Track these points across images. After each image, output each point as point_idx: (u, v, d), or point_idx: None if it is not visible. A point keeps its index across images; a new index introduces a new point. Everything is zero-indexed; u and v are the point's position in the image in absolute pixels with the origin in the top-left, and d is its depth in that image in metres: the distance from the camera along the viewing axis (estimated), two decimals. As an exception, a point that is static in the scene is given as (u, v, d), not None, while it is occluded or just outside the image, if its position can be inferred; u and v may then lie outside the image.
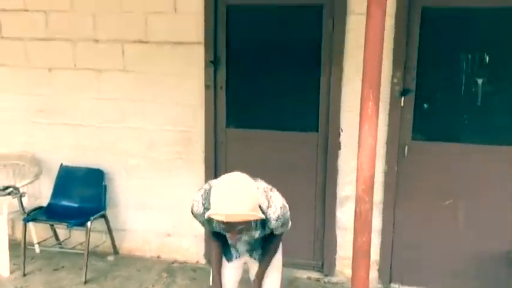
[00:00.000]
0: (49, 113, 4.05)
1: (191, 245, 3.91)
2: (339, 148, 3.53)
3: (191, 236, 3.90)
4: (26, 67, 4.05)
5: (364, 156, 1.95)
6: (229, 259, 2.37)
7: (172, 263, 3.92)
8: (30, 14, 3.96)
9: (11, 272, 3.65)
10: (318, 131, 3.60)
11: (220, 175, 2.07)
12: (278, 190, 2.17)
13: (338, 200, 3.57)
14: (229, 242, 2.23)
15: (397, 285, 3.56)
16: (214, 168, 3.79)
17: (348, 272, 3.58)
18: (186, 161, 3.85)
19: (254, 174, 2.05)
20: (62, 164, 3.98)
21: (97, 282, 3.57)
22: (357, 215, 1.95)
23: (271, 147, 3.69)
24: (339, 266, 3.64)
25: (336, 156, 3.53)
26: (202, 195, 2.12)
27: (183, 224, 3.89)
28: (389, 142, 3.41)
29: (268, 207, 2.07)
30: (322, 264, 3.67)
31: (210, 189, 2.03)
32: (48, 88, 4.02)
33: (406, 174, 3.44)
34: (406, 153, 3.41)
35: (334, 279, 3.65)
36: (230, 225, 1.91)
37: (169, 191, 3.91)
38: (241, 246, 2.34)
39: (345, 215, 3.57)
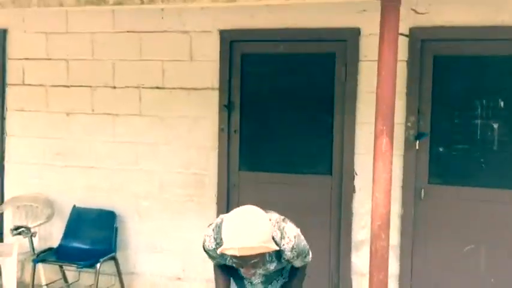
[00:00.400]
0: (64, 155, 4.10)
1: (201, 290, 3.81)
2: (354, 191, 3.49)
3: (202, 280, 3.80)
4: (45, 112, 4.16)
5: (379, 191, 1.93)
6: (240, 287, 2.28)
7: (182, 308, 3.81)
8: (53, 62, 4.10)
9: (17, 316, 3.56)
10: (331, 174, 3.58)
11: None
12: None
13: (353, 244, 3.49)
14: (244, 276, 2.16)
15: (416, 336, 3.39)
16: (227, 211, 3.73)
17: (365, 320, 3.45)
18: (197, 203, 3.83)
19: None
20: (74, 206, 3.98)
21: (104, 328, 3.46)
22: (373, 253, 1.90)
23: (285, 190, 3.66)
24: (354, 315, 3.50)
25: (350, 199, 3.49)
26: (213, 230, 2.08)
27: (194, 267, 3.81)
28: (405, 186, 3.37)
29: (281, 238, 2.02)
30: (338, 312, 3.54)
31: (221, 223, 2.00)
32: (65, 132, 4.10)
33: (423, 219, 3.37)
34: (422, 197, 3.36)
35: (350, 329, 3.50)
36: (243, 260, 1.86)
37: (181, 234, 3.86)
38: (256, 279, 2.25)
39: (360, 260, 3.47)
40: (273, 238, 1.95)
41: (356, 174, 3.47)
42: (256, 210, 1.94)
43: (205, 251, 2.15)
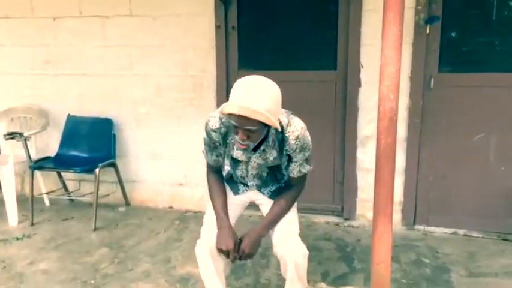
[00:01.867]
0: (54, 63, 3.91)
1: (204, 195, 3.74)
2: (359, 85, 3.31)
3: (204, 185, 3.70)
4: (31, 17, 3.91)
5: (389, 48, 1.74)
6: (235, 191, 2.20)
7: (185, 212, 3.78)
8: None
9: (19, 222, 3.53)
10: (336, 69, 3.38)
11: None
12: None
13: (359, 140, 3.37)
14: (236, 151, 2.00)
15: (422, 227, 3.35)
16: (227, 113, 3.60)
17: (370, 215, 3.39)
18: (197, 107, 3.68)
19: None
20: (69, 114, 3.84)
21: (107, 229, 3.44)
22: (381, 115, 1.74)
23: (287, 88, 3.41)
24: (360, 210, 3.44)
25: (355, 94, 3.32)
26: (219, 109, 1.94)
27: (196, 173, 3.74)
28: (413, 76, 3.19)
29: (288, 125, 1.91)
30: (342, 208, 3.48)
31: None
32: (53, 38, 3.87)
33: (432, 110, 3.21)
34: (432, 87, 3.18)
35: (355, 223, 3.46)
36: (241, 121, 1.74)
37: (180, 140, 3.75)
38: (251, 180, 2.15)
39: (366, 156, 3.36)
40: (280, 123, 1.87)
41: (362, 67, 3.28)
42: (270, 81, 1.82)
43: (207, 133, 2.01)
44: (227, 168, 2.20)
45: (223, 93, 3.58)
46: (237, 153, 2.03)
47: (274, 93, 1.79)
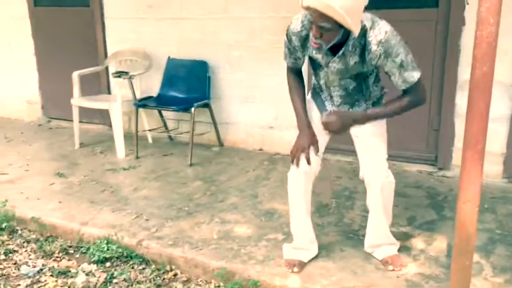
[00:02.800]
0: (156, 8, 4.12)
1: (293, 138, 3.78)
2: (463, 24, 3.05)
3: (293, 128, 3.74)
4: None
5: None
6: (321, 110, 2.14)
7: (275, 154, 3.87)
8: None
9: (126, 155, 3.90)
10: (437, 6, 3.14)
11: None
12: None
13: (458, 84, 3.15)
14: (314, 51, 1.96)
15: (526, 180, 3.09)
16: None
17: (467, 164, 3.21)
18: (289, 50, 3.66)
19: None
20: (169, 57, 4.07)
21: (201, 166, 3.66)
22: (477, 41, 1.61)
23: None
24: (456, 159, 3.26)
25: (458, 34, 3.08)
26: (303, 12, 1.91)
27: (286, 116, 3.77)
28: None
29: (371, 28, 1.81)
30: (436, 157, 3.32)
31: None
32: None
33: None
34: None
35: (449, 174, 3.29)
36: (315, 17, 1.71)
37: (272, 83, 3.79)
38: (336, 91, 2.09)
39: (465, 101, 3.12)
40: (364, 25, 1.79)
41: (467, 3, 3.01)
42: None
43: (287, 35, 2.01)
44: (313, 81, 2.19)
45: (316, 35, 3.52)
46: (315, 54, 1.97)
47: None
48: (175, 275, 2.37)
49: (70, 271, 2.44)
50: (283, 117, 3.82)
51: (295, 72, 2.17)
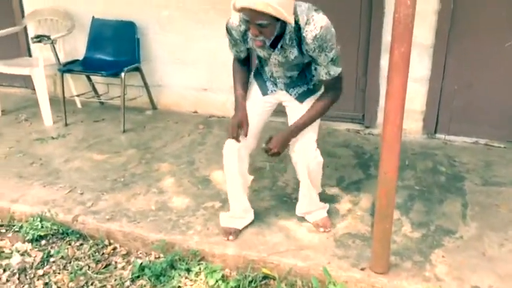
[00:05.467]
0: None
1: (228, 100, 3.82)
2: (388, -14, 3.13)
3: (228, 90, 3.77)
4: None
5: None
6: (264, 91, 2.21)
7: (209, 117, 3.89)
8: None
9: (54, 122, 3.75)
10: (364, -32, 3.19)
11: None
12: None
13: (383, 46, 3.27)
14: (255, 44, 1.95)
15: (442, 136, 3.36)
16: (250, 17, 3.52)
17: (390, 123, 3.41)
18: (218, 10, 3.60)
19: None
20: (93, 17, 3.85)
21: (135, 131, 3.61)
22: (395, 22, 1.69)
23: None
24: (380, 118, 3.44)
25: (383, -3, 3.16)
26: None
27: (219, 78, 3.77)
28: (446, -24, 2.97)
29: (306, 23, 1.85)
30: (363, 116, 3.50)
31: None
32: None
33: (462, 14, 3.04)
34: (465, -11, 2.98)
35: (375, 131, 3.49)
36: (251, 16, 1.73)
37: (204, 44, 3.73)
38: (280, 78, 2.14)
39: (390, 63, 3.28)
40: (297, 21, 1.83)
41: (392, -34, 3.07)
42: None
43: (227, 30, 2.03)
44: (256, 62, 2.22)
45: (247, -5, 3.46)
46: (257, 50, 2.03)
47: None
48: (114, 249, 2.40)
49: (4, 251, 2.39)
50: (216, 79, 3.81)
51: (240, 61, 2.20)
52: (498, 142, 3.25)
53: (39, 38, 3.47)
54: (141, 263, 2.24)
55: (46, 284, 2.17)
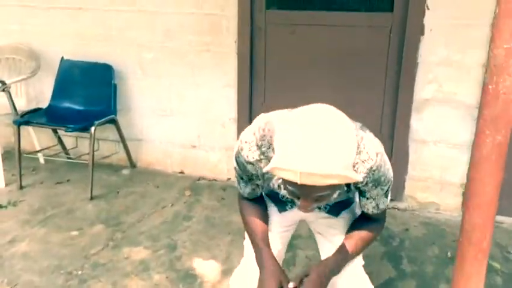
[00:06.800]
0: (46, -6, 3.25)
1: (221, 160, 3.17)
2: (422, 33, 2.55)
3: (221, 148, 3.14)
4: None
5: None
6: (281, 208, 1.53)
7: (198, 179, 3.22)
8: None
9: (7, 184, 3.06)
10: (392, 10, 2.62)
11: (258, 73, 1.19)
12: (333, 90, 1.27)
13: (414, 104, 2.67)
14: (298, 209, 1.26)
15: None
16: (250, 63, 2.93)
17: (421, 196, 2.78)
18: (214, 53, 3.00)
19: (301, 69, 1.18)
20: (62, 58, 3.23)
21: (105, 199, 2.92)
22: (489, 96, 1.07)
23: (327, 34, 2.77)
24: (409, 190, 2.82)
25: (416, 45, 2.58)
26: (256, 134, 1.26)
27: (211, 134, 3.14)
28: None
29: (357, 152, 1.19)
30: (388, 188, 2.84)
31: (270, 127, 1.23)
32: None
33: None
34: None
35: (401, 205, 2.85)
36: (305, 190, 1.08)
37: (194, 93, 3.12)
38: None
39: (422, 124, 2.68)
40: None
41: (428, 8, 2.51)
42: (337, 117, 1.07)
43: (238, 164, 1.34)
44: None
45: (247, 36, 2.89)
46: (284, 191, 1.29)
47: (350, 139, 1.06)
48: None
49: None
50: (207, 134, 3.17)
51: (252, 199, 1.49)
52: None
53: (-11, 84, 2.83)
54: None
55: None
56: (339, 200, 1.41)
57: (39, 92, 3.42)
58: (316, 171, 1.00)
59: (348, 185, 1.30)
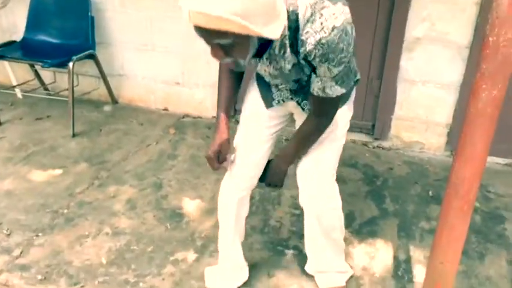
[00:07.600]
0: None
1: (206, 97, 3.11)
2: (416, -34, 2.44)
3: (205, 85, 3.07)
4: None
5: None
6: (268, 103, 1.53)
7: (183, 117, 3.17)
8: None
9: (-16, 121, 2.98)
10: None
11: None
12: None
13: (405, 44, 2.60)
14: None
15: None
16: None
17: (406, 135, 2.80)
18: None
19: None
20: (35, -14, 3.02)
21: (88, 136, 2.87)
22: (489, 49, 1.03)
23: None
24: (394, 129, 2.83)
25: (409, -21, 2.46)
26: None
27: (195, 70, 3.05)
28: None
29: (308, 21, 1.15)
30: (373, 126, 2.86)
31: None
32: None
33: None
34: None
35: (385, 144, 2.88)
36: (203, 34, 1.10)
37: (176, 27, 2.98)
38: (286, 91, 1.48)
39: (412, 64, 2.64)
40: (297, 14, 1.15)
41: None
42: None
43: None
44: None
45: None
46: None
47: None
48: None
49: None
50: (191, 71, 3.08)
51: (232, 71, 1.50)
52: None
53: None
54: None
55: None
56: (297, 78, 1.37)
57: (12, 24, 3.23)
58: (202, 10, 1.01)
59: (295, 51, 1.23)
